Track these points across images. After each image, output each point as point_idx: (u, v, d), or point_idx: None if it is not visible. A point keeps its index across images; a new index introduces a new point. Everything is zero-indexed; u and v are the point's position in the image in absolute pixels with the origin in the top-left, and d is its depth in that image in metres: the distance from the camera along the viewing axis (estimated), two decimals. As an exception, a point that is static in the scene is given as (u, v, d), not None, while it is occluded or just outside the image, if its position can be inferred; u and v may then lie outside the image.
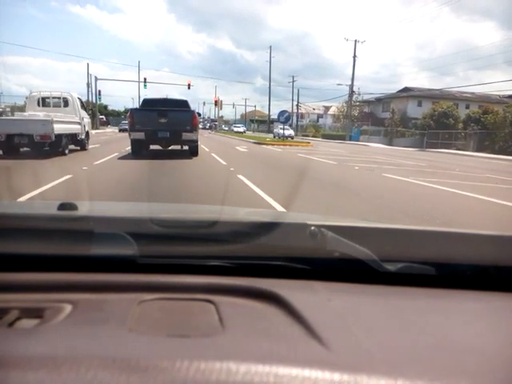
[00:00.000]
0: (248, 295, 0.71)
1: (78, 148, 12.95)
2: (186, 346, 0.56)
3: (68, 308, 0.66)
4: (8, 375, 0.46)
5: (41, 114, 11.03)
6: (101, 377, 0.47)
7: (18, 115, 11.95)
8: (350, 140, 39.75)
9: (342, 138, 42.89)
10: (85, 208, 1.05)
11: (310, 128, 60.22)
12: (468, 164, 15.92)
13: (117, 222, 0.91)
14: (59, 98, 12.89)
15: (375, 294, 0.77)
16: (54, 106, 12.61)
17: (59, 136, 10.75)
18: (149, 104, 12.07)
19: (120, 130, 33.98)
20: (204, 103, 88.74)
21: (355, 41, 40.72)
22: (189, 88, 41.23)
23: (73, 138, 12.30)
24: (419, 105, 43.54)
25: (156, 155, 11.29)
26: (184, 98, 13.16)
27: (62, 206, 0.95)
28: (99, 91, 44.51)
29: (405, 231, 0.94)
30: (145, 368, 0.48)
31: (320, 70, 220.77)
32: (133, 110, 12.06)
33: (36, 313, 0.65)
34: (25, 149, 10.72)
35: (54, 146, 10.77)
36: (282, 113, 26.83)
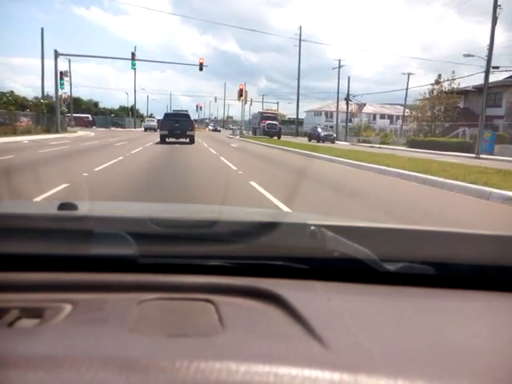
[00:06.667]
0: (248, 295, 0.71)
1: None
2: (185, 345, 0.55)
3: (68, 308, 0.65)
4: (8, 375, 0.47)
5: (150, 122, 51.81)
6: (101, 377, 0.47)
7: (146, 122, 55.33)
8: (482, 153, 22.25)
9: (453, 147, 24.73)
10: (85, 208, 1.03)
11: (368, 131, 42.56)
12: None
13: (117, 222, 0.90)
14: (154, 119, 54.19)
15: (375, 293, 0.77)
16: (151, 118, 58.00)
17: (154, 127, 45.22)
18: (168, 115, 22.61)
19: (145, 129, 47.57)
20: (215, 99, 76.06)
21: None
22: (201, 69, 29.25)
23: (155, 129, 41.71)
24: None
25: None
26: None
27: (62, 206, 0.94)
28: (61, 73, 28.69)
29: (404, 231, 0.93)
30: (145, 368, 0.48)
31: (325, 71, 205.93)
32: (161, 120, 23.17)
33: (36, 313, 0.65)
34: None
35: (154, 129, 42.93)
36: None
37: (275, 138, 34.53)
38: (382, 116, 70.18)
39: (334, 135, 35.92)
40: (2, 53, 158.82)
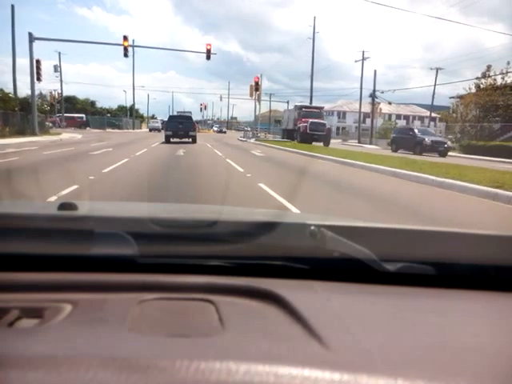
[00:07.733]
0: (248, 295, 0.71)
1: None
2: (185, 345, 0.56)
3: (68, 308, 0.65)
4: (8, 375, 0.46)
5: (154, 124, 52.31)
6: (101, 377, 0.47)
7: (151, 123, 57.16)
8: None
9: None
10: (85, 208, 1.02)
11: (389, 132, 37.38)
12: None
13: (117, 222, 0.90)
14: (157, 120, 56.38)
15: (375, 293, 0.76)
16: (155, 120, 60.34)
17: (158, 128, 47.44)
18: (172, 117, 24.34)
19: (150, 130, 48.74)
20: (221, 98, 70.73)
21: None
22: (208, 58, 24.27)
23: (159, 129, 45.86)
24: None
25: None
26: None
27: (62, 206, 0.93)
28: (37, 62, 23.25)
29: (404, 231, 0.92)
30: (145, 368, 0.48)
31: (328, 72, 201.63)
32: (166, 122, 24.42)
33: (36, 313, 0.64)
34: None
35: (159, 130, 45.74)
36: None
37: (314, 143, 22.65)
38: (398, 116, 65.09)
39: (448, 143, 21.90)
40: (3, 53, 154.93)
